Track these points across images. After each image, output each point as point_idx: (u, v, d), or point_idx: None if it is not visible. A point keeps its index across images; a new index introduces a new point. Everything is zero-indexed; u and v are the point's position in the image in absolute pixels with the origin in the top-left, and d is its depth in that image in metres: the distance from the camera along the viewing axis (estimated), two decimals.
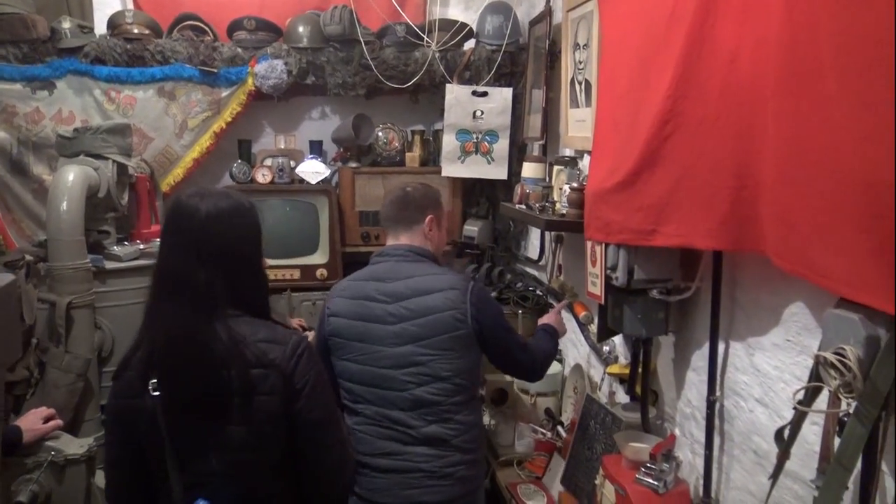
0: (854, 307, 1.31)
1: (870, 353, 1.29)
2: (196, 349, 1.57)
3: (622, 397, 2.56)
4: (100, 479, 2.50)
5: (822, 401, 1.44)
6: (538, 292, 3.33)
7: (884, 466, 1.37)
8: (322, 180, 3.77)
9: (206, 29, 3.68)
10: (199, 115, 3.67)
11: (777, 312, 1.74)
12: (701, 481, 2.02)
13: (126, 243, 3.17)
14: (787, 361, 1.71)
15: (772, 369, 1.77)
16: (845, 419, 1.33)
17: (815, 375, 1.43)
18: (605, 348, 2.73)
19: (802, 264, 1.43)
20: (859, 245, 1.23)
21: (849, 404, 1.33)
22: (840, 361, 1.31)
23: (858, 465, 1.34)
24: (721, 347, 1.98)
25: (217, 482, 1.60)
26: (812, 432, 1.57)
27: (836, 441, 1.34)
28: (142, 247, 3.13)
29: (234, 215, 1.64)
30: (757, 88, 1.58)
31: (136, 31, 3.59)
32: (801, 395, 1.47)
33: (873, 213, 1.19)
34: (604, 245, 2.11)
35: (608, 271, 2.11)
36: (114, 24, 3.61)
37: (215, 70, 3.62)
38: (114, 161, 3.07)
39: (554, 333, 2.50)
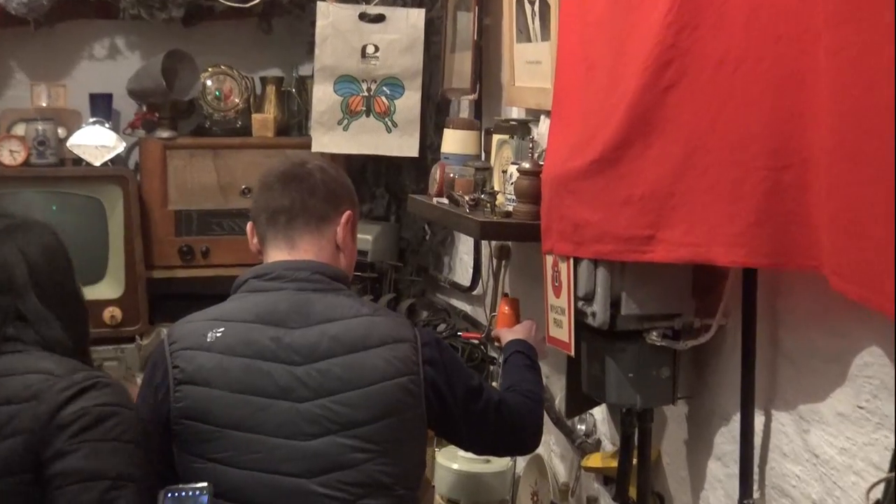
0: None
1: None
2: None
3: None
4: None
5: None
6: (472, 341, 3.34)
7: None
8: (112, 160, 3.69)
9: None
10: None
11: (842, 363, 1.78)
12: None
13: None
14: (859, 441, 1.75)
15: (836, 454, 1.81)
16: None
17: None
18: (580, 428, 2.76)
19: (875, 288, 1.47)
20: None
21: None
22: None
23: None
24: (759, 421, 2.02)
25: None
26: None
27: None
28: None
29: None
30: (804, 12, 1.63)
31: None
32: (879, 493, 1.51)
33: None
34: (572, 262, 2.13)
35: (580, 303, 2.12)
36: None
37: None
38: None
39: (533, 361, 2.51)
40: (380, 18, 3.74)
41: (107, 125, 3.77)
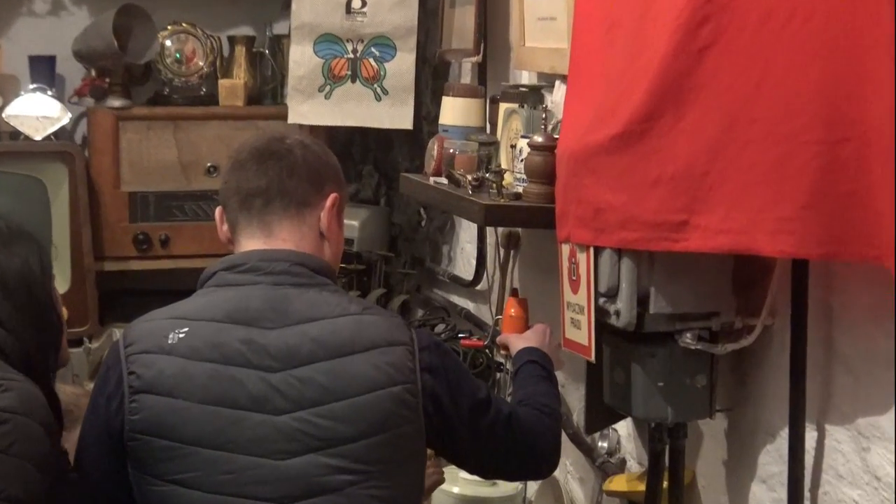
0: None
1: None
2: None
3: None
4: None
5: None
6: (478, 343, 3.33)
7: None
8: (56, 133, 3.69)
9: None
10: None
11: None
12: None
13: None
14: None
15: None
16: None
17: None
18: (601, 445, 2.76)
19: None
20: None
21: None
22: None
23: None
24: (810, 437, 2.02)
25: None
26: None
27: None
28: None
29: None
30: None
31: None
32: None
33: None
34: (592, 252, 2.13)
35: (602, 301, 2.12)
36: None
37: None
38: None
39: (549, 371, 2.50)
40: None
41: (49, 93, 3.77)
